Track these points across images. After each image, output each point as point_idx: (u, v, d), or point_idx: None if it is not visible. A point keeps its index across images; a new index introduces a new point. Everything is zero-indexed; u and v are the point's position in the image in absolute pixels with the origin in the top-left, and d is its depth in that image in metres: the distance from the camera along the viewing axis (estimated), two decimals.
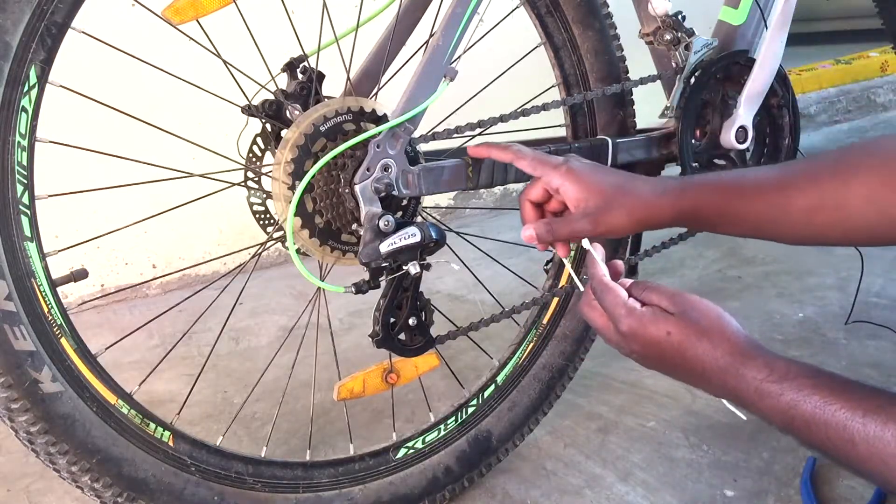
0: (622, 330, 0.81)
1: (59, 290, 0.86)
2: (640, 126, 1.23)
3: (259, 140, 1.04)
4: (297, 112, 0.97)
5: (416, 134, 0.98)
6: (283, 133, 0.97)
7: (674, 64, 1.22)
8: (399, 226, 0.95)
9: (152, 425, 0.92)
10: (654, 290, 0.82)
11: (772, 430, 1.26)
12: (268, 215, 1.08)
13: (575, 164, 0.90)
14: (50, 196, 0.86)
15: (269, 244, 1.07)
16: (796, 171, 0.86)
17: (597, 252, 0.87)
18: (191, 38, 0.96)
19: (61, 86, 0.85)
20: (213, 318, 1.20)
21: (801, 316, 1.65)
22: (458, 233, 1.22)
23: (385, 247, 0.94)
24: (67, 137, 0.93)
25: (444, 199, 2.45)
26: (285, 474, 1.02)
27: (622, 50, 1.20)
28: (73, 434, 0.84)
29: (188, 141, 1.05)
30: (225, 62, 0.99)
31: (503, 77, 1.22)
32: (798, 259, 1.95)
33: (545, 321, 1.22)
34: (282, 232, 1.00)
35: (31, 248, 0.82)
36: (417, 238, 0.94)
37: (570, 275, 1.20)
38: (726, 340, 0.76)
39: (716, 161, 1.25)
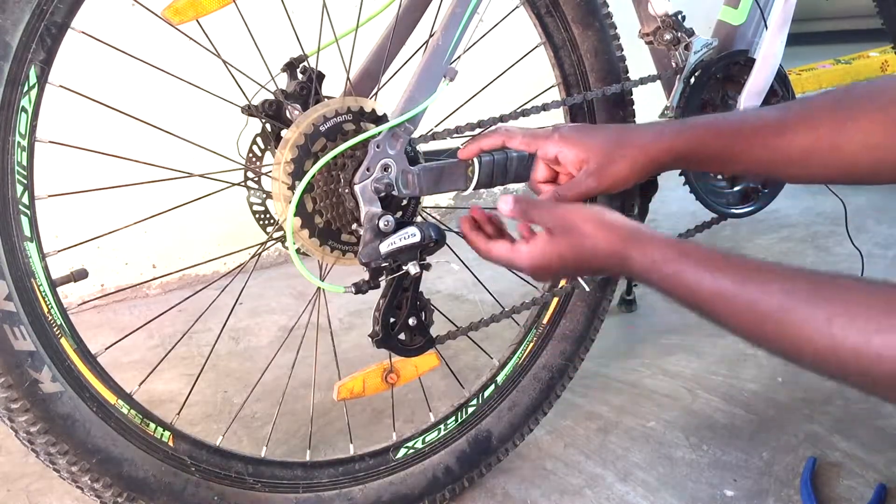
0: (524, 267, 0.87)
1: (59, 290, 0.86)
2: None
3: (259, 140, 1.04)
4: (296, 112, 0.97)
5: (416, 134, 0.98)
6: (283, 133, 0.97)
7: (674, 64, 1.22)
8: (399, 226, 0.95)
9: (152, 425, 0.92)
10: (535, 209, 0.87)
11: (772, 430, 1.27)
12: (268, 215, 1.08)
13: (565, 129, 0.92)
14: (50, 196, 0.86)
15: (269, 244, 1.07)
16: (795, 113, 0.88)
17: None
18: (191, 38, 0.96)
19: (61, 86, 0.85)
20: (213, 318, 1.20)
21: None
22: (457, 233, 1.22)
23: (385, 247, 0.94)
24: (67, 137, 0.93)
25: (444, 199, 2.45)
26: (285, 474, 1.02)
27: (622, 50, 1.20)
28: (73, 434, 0.84)
29: (188, 141, 1.05)
30: (225, 62, 0.99)
31: (503, 77, 1.22)
32: (797, 257, 1.95)
33: (545, 321, 1.22)
34: (282, 232, 1.00)
35: (31, 248, 0.82)
36: (417, 238, 0.94)
37: None
38: (612, 232, 0.82)
39: None
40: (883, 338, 0.62)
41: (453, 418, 1.15)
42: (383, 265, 0.97)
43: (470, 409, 1.17)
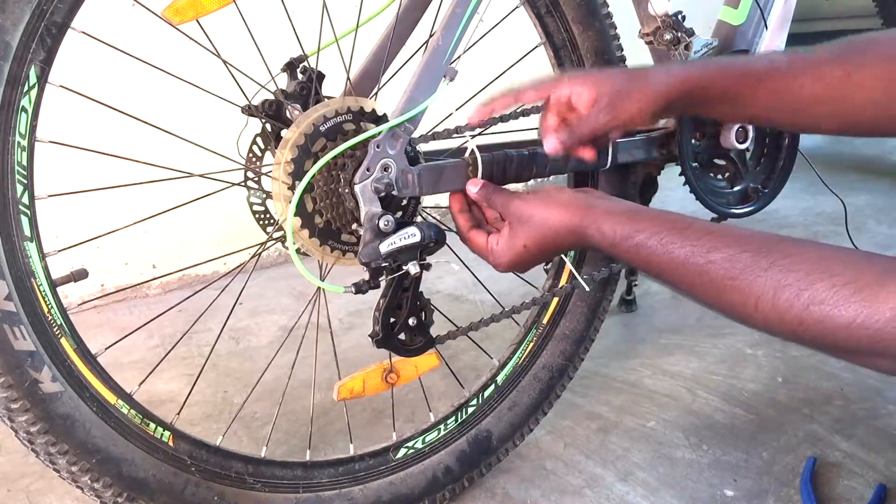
0: (498, 265, 0.94)
1: (59, 290, 0.86)
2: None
3: (259, 140, 1.04)
4: (297, 112, 0.97)
5: (416, 134, 0.98)
6: (283, 133, 0.97)
7: None
8: (399, 226, 0.95)
9: (152, 425, 0.92)
10: (497, 197, 0.94)
11: (772, 430, 1.27)
12: (268, 215, 1.08)
13: (575, 72, 0.95)
14: (50, 196, 0.86)
15: (269, 244, 1.07)
16: (803, 60, 0.90)
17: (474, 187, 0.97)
18: (191, 38, 0.96)
19: (61, 86, 0.85)
20: (213, 318, 1.20)
21: None
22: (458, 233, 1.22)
23: (385, 247, 0.94)
24: (67, 137, 0.93)
25: (445, 198, 2.45)
26: (285, 474, 1.02)
27: (622, 50, 1.20)
28: (73, 434, 0.84)
29: (188, 141, 1.05)
30: (225, 62, 0.99)
31: (503, 77, 1.22)
32: None
33: (545, 321, 1.22)
34: (282, 232, 1.00)
35: (31, 248, 0.82)
36: (417, 238, 0.94)
37: (570, 274, 1.20)
38: (566, 212, 0.87)
39: (716, 161, 1.25)
40: (820, 308, 0.66)
41: (453, 418, 1.15)
42: (383, 265, 0.97)
43: (470, 409, 1.17)
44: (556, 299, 1.22)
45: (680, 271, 0.77)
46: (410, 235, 0.94)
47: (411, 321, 1.00)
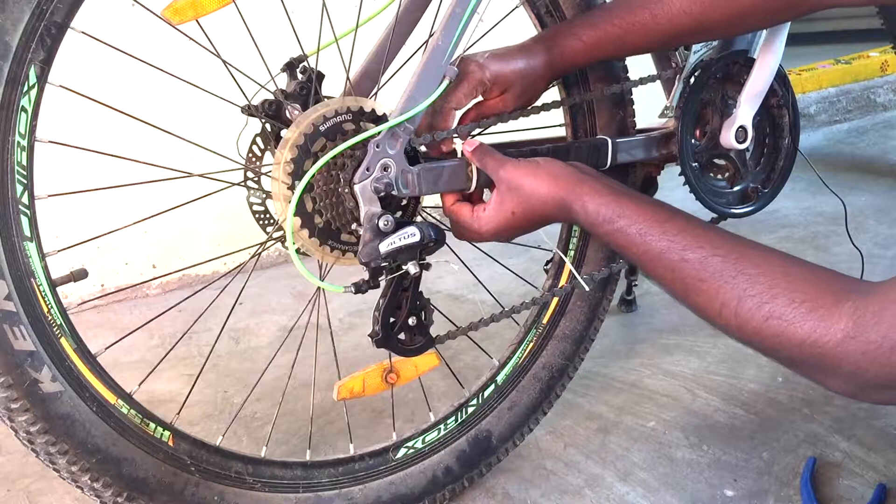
0: (484, 232, 0.96)
1: (59, 290, 0.86)
2: (639, 126, 1.23)
3: (259, 140, 1.04)
4: (296, 112, 0.97)
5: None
6: (283, 133, 0.97)
7: (673, 64, 1.22)
8: (399, 225, 0.95)
9: (152, 425, 0.92)
10: (490, 159, 0.96)
11: (772, 430, 1.27)
12: (267, 215, 1.08)
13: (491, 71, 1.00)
14: (50, 196, 0.86)
15: (268, 244, 1.07)
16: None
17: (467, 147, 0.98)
18: (191, 38, 0.96)
19: (61, 86, 0.85)
20: (213, 318, 1.20)
21: None
22: None
23: (385, 246, 0.94)
24: (67, 137, 0.93)
25: None
26: (285, 474, 1.02)
27: None
28: (73, 434, 0.84)
29: (188, 141, 1.05)
30: (225, 62, 0.99)
31: None
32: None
33: (545, 321, 1.22)
34: (281, 232, 1.00)
35: (31, 248, 0.82)
36: (417, 238, 0.94)
37: (570, 274, 1.20)
38: (555, 185, 0.91)
39: (715, 161, 1.25)
40: (778, 322, 0.70)
41: (453, 418, 1.15)
42: (383, 265, 0.97)
43: (470, 409, 1.17)
44: (556, 299, 1.22)
45: (654, 264, 0.82)
46: (410, 235, 0.94)
47: (411, 321, 1.00)
